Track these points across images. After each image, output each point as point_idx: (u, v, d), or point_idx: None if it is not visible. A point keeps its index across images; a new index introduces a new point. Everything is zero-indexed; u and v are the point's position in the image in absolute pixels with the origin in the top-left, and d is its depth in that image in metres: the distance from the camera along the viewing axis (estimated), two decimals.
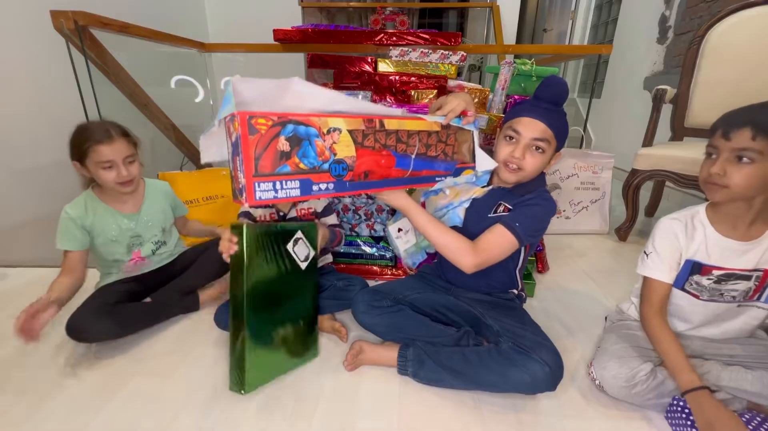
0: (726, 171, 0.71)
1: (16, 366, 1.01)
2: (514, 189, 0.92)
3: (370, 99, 1.43)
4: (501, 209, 0.92)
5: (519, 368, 0.81)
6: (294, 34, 1.69)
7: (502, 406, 0.86)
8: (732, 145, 0.71)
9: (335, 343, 1.07)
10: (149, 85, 2.03)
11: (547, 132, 0.85)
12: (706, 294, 0.82)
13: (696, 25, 2.37)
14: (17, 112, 1.77)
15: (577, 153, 1.85)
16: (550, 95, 0.86)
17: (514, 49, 2.48)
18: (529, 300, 1.29)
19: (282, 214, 1.13)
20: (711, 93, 1.69)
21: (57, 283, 1.02)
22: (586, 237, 1.84)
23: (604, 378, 0.84)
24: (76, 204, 1.07)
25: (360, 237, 1.45)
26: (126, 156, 1.03)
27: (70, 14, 1.41)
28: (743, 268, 0.78)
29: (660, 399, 0.81)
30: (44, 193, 1.80)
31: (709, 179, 0.74)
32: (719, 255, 0.79)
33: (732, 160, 0.71)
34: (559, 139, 0.87)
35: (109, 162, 1.01)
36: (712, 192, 0.75)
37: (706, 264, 0.80)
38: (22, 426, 0.83)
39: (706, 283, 0.81)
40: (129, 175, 1.04)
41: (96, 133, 0.99)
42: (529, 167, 0.87)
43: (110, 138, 1.00)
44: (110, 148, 1.00)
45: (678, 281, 0.84)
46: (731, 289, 0.80)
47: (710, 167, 0.74)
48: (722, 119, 0.74)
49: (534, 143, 0.85)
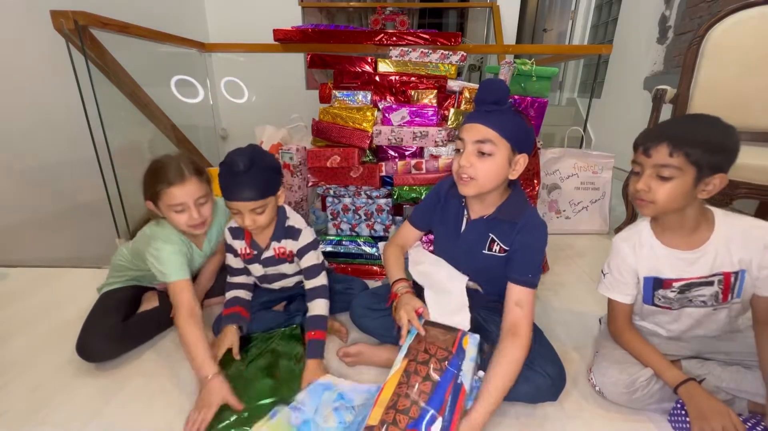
0: (650, 187, 0.74)
1: (16, 366, 1.01)
2: (497, 215, 0.87)
3: (371, 99, 1.43)
4: (495, 248, 0.88)
5: (522, 379, 0.79)
6: (294, 34, 1.69)
7: (504, 409, 0.85)
8: (653, 162, 0.73)
9: (336, 344, 1.07)
10: (149, 85, 2.03)
11: (489, 132, 0.79)
12: (677, 304, 0.83)
13: (696, 25, 2.37)
14: (17, 112, 1.77)
15: (577, 153, 1.85)
16: (485, 96, 0.81)
17: (514, 49, 2.48)
18: None
19: (257, 253, 1.05)
20: (711, 93, 1.69)
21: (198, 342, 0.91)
22: (586, 237, 1.84)
23: (604, 385, 0.84)
24: (167, 233, 1.02)
25: (360, 237, 1.45)
26: (198, 197, 0.98)
27: (70, 14, 1.41)
28: (700, 276, 0.79)
29: (661, 403, 0.81)
30: (44, 193, 1.80)
31: (636, 195, 0.77)
32: (673, 267, 0.81)
33: (654, 176, 0.73)
34: (510, 138, 0.80)
35: (181, 205, 0.96)
36: (640, 207, 0.78)
37: (664, 278, 0.81)
38: (23, 426, 0.83)
39: (672, 295, 0.82)
40: (200, 217, 0.99)
41: (169, 174, 0.94)
42: (481, 174, 0.81)
43: (183, 178, 0.95)
44: (183, 190, 0.95)
45: (646, 298, 0.86)
46: (698, 295, 0.80)
47: (636, 183, 0.76)
48: (642, 136, 0.76)
49: (477, 147, 0.80)
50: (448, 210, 0.96)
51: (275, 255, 1.05)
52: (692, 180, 0.71)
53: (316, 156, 1.36)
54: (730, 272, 0.77)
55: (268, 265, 1.06)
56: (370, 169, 1.37)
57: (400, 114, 1.37)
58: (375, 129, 1.34)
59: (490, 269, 0.90)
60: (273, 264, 1.06)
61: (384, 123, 1.39)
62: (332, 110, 1.39)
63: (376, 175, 1.37)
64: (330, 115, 1.40)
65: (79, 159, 1.75)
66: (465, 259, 0.94)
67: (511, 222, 0.86)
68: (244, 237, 1.05)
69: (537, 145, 1.44)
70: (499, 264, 0.88)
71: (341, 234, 1.47)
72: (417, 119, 1.37)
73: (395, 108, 1.37)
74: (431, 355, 0.79)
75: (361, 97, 1.43)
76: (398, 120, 1.38)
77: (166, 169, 0.95)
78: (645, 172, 0.75)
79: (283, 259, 1.06)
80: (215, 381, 0.85)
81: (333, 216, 1.46)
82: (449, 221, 0.96)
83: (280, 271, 1.09)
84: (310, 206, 1.78)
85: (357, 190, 1.41)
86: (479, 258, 0.90)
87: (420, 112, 1.36)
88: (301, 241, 1.03)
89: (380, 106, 1.40)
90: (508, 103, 0.82)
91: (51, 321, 1.18)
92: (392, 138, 1.35)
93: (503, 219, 0.86)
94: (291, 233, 1.03)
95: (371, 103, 1.43)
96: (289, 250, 1.04)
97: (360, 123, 1.35)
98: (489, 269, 0.90)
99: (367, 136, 1.33)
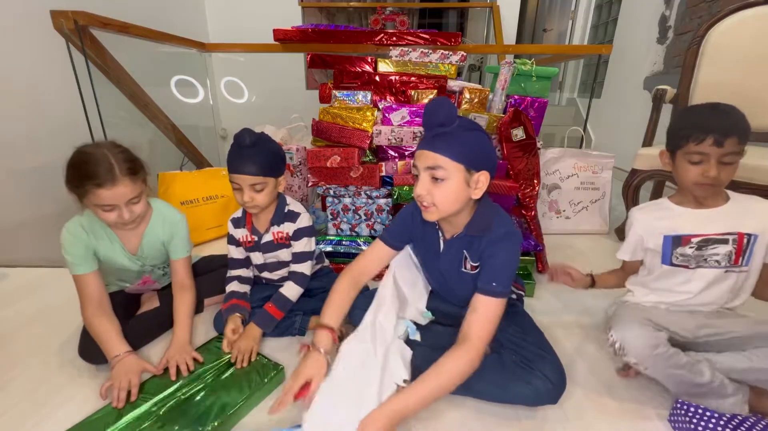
0: (719, 174, 0.82)
1: (16, 366, 1.01)
2: (467, 232, 0.84)
3: (371, 99, 1.43)
4: (468, 266, 0.87)
5: (522, 383, 0.79)
6: (294, 34, 1.70)
7: (504, 411, 0.85)
8: (723, 151, 0.80)
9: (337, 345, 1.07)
10: (149, 85, 2.03)
11: (438, 158, 0.75)
12: (693, 262, 0.88)
13: (696, 25, 2.37)
14: (17, 112, 1.77)
15: (577, 153, 1.85)
16: (430, 119, 0.77)
17: (514, 49, 2.49)
18: (529, 300, 1.29)
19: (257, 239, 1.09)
20: (711, 93, 1.69)
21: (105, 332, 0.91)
22: (586, 237, 1.84)
23: (625, 339, 0.84)
24: (75, 224, 0.97)
25: (360, 237, 1.45)
26: (131, 198, 0.90)
27: (70, 14, 1.41)
28: (716, 232, 0.85)
29: (678, 369, 0.81)
30: (44, 193, 1.80)
31: (705, 181, 0.83)
32: (692, 223, 0.88)
33: (720, 163, 0.81)
34: (462, 160, 0.76)
35: (110, 206, 0.89)
36: (704, 191, 0.85)
37: (683, 234, 0.88)
38: (23, 426, 0.83)
39: (689, 252, 0.87)
40: (131, 216, 0.92)
41: (98, 173, 0.84)
42: (438, 200, 0.78)
43: (113, 180, 0.86)
44: (112, 192, 0.86)
45: (665, 258, 0.91)
46: (713, 254, 0.86)
47: (702, 171, 0.82)
48: (705, 127, 0.81)
49: (429, 173, 0.77)
50: (425, 230, 0.93)
51: (274, 240, 1.08)
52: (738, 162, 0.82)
53: (316, 156, 1.36)
54: (743, 233, 0.83)
55: (268, 251, 1.10)
56: (370, 169, 1.37)
57: (400, 114, 1.37)
58: (375, 129, 1.34)
59: (471, 289, 0.83)
60: (272, 250, 1.09)
61: (384, 123, 1.39)
62: (332, 110, 1.39)
63: (376, 175, 1.37)
64: (330, 115, 1.40)
65: None
66: (448, 279, 0.93)
67: (481, 238, 0.83)
68: (245, 225, 1.09)
69: (537, 145, 1.44)
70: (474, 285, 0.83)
71: (341, 235, 1.47)
72: (417, 119, 1.37)
73: (395, 108, 1.37)
74: None
75: (361, 97, 1.43)
76: (398, 120, 1.38)
77: (95, 166, 0.85)
78: (711, 160, 0.81)
79: (282, 244, 1.09)
80: (128, 356, 0.88)
81: (333, 216, 1.46)
82: (428, 242, 0.93)
83: (279, 258, 1.11)
84: (310, 206, 1.78)
85: (357, 190, 1.41)
86: (459, 277, 0.89)
87: (420, 112, 1.36)
88: (299, 223, 1.07)
89: (380, 106, 1.40)
90: (456, 122, 0.76)
91: (51, 321, 1.18)
92: (392, 138, 1.35)
93: (473, 235, 0.84)
94: (290, 217, 1.08)
95: (371, 103, 1.43)
96: (285, 233, 1.08)
97: (360, 123, 1.35)
98: (470, 289, 0.84)
99: (367, 136, 1.33)
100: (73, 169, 0.86)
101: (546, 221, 1.86)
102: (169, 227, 1.04)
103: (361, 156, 1.39)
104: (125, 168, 0.88)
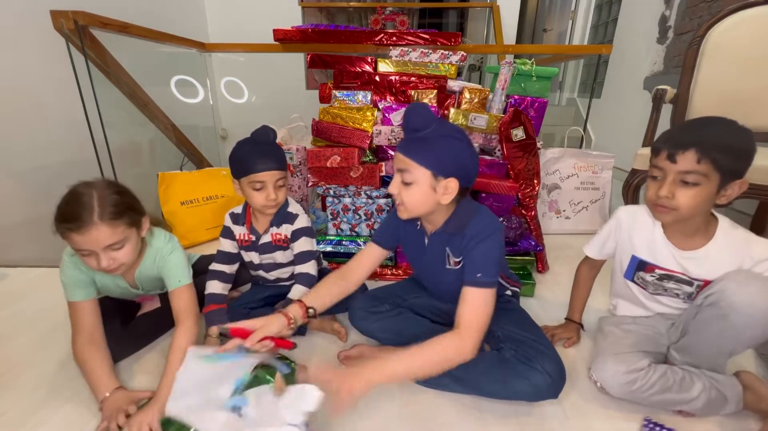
0: (674, 194, 0.73)
1: (16, 366, 1.01)
2: (446, 228, 0.86)
3: (371, 99, 1.43)
4: (451, 262, 0.88)
5: (521, 378, 0.80)
6: (294, 34, 1.70)
7: (503, 409, 0.86)
8: (678, 168, 0.71)
9: (336, 345, 1.07)
10: (149, 85, 2.03)
11: (406, 161, 0.78)
12: (651, 288, 0.87)
13: (696, 25, 2.37)
14: (17, 112, 1.77)
15: (577, 153, 1.85)
16: (407, 123, 0.80)
17: (514, 49, 2.49)
18: (529, 300, 1.29)
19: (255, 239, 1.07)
20: (711, 93, 1.69)
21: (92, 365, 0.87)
22: (586, 237, 1.82)
23: (603, 379, 0.84)
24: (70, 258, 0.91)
25: (360, 237, 1.45)
26: (110, 244, 0.81)
27: (70, 14, 1.41)
28: (683, 273, 0.81)
29: (663, 394, 0.80)
30: (44, 193, 1.80)
31: (657, 201, 0.76)
32: (663, 257, 0.83)
33: (677, 182, 0.72)
34: (430, 165, 0.77)
35: (87, 251, 0.80)
36: (659, 214, 0.78)
37: (649, 263, 0.85)
38: (23, 426, 0.83)
39: (650, 279, 0.86)
40: (112, 264, 0.83)
41: (74, 216, 0.77)
42: (406, 201, 0.81)
43: (88, 224, 0.77)
44: (85, 237, 0.77)
45: (627, 273, 0.91)
46: (674, 288, 0.84)
47: (657, 189, 0.75)
48: (664, 140, 0.75)
49: (400, 175, 0.80)
50: (409, 227, 0.95)
51: (272, 242, 1.07)
52: (716, 186, 0.71)
53: (316, 156, 1.36)
54: (710, 280, 0.78)
55: (265, 252, 1.09)
56: (370, 169, 1.37)
57: (400, 114, 1.37)
58: (375, 129, 1.34)
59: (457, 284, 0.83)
60: (269, 251, 1.09)
61: (384, 123, 1.39)
62: (332, 110, 1.39)
63: (376, 175, 1.37)
64: (330, 115, 1.40)
65: (79, 159, 1.75)
66: (435, 274, 0.93)
67: (458, 235, 0.84)
68: (245, 223, 1.08)
69: (537, 145, 1.44)
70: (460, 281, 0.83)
71: (341, 235, 1.47)
72: None
73: (395, 108, 1.37)
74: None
75: (361, 97, 1.43)
76: (398, 120, 1.38)
77: (74, 208, 0.78)
78: (668, 178, 0.73)
79: (279, 246, 1.08)
80: (115, 394, 0.82)
81: (333, 216, 1.46)
82: (413, 239, 0.95)
83: (275, 260, 1.11)
84: (310, 206, 1.78)
85: (357, 190, 1.41)
86: (444, 273, 0.90)
87: None
88: (296, 225, 1.06)
89: (380, 106, 1.40)
90: (431, 127, 0.77)
91: (51, 321, 1.18)
92: (392, 138, 1.35)
93: (451, 232, 0.85)
94: (288, 218, 1.07)
95: (371, 103, 1.43)
96: (284, 235, 1.07)
97: (360, 123, 1.35)
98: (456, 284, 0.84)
99: (367, 136, 1.33)
100: (58, 209, 0.80)
101: (546, 221, 1.86)
102: (160, 262, 0.97)
103: (361, 156, 1.39)
104: (107, 212, 0.79)
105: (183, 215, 1.72)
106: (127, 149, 2.11)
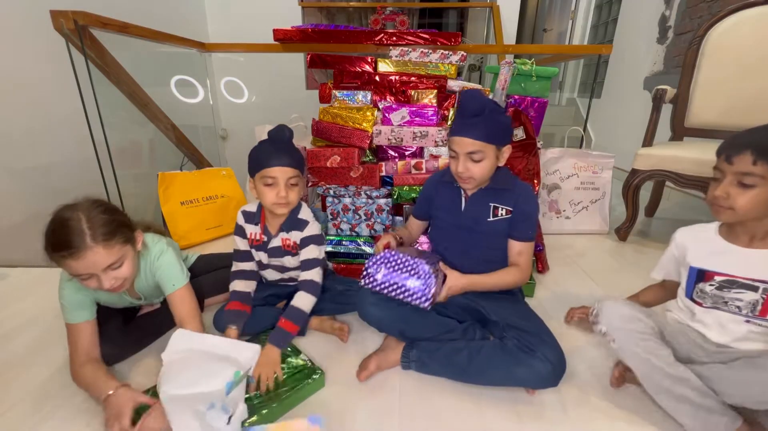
0: (729, 194, 0.74)
1: (16, 366, 1.01)
2: (492, 187, 1.01)
3: (371, 99, 1.43)
4: (501, 212, 1.00)
5: (524, 366, 0.83)
6: (294, 34, 1.70)
7: (500, 398, 0.88)
8: (734, 169, 0.74)
9: (343, 353, 1.07)
10: (149, 85, 2.03)
11: (475, 144, 0.91)
12: (709, 301, 0.81)
13: (696, 25, 2.37)
14: (17, 112, 1.77)
15: (577, 153, 1.85)
16: (465, 111, 0.93)
17: (514, 49, 2.48)
18: (529, 300, 1.29)
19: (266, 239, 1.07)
20: (711, 93, 1.69)
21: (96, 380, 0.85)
22: (586, 237, 1.84)
23: (603, 307, 0.86)
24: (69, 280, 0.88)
25: (360, 237, 1.45)
26: (110, 264, 0.79)
27: (70, 14, 1.41)
28: (747, 276, 0.77)
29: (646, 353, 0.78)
30: (45, 193, 1.80)
31: (714, 201, 0.78)
32: (723, 260, 0.80)
33: (735, 183, 0.74)
34: (494, 140, 0.93)
35: (87, 275, 0.79)
36: (716, 213, 0.79)
37: (708, 270, 0.81)
38: (23, 425, 0.83)
39: (709, 290, 0.81)
40: (115, 282, 0.82)
41: (67, 243, 0.75)
42: (477, 175, 0.95)
43: (84, 248, 0.75)
44: (83, 262, 0.76)
45: (688, 290, 0.86)
46: (735, 298, 0.78)
47: (715, 189, 0.77)
48: (726, 142, 0.77)
49: (469, 156, 0.93)
50: (444, 195, 1.07)
51: (282, 246, 1.07)
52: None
53: (316, 156, 1.36)
54: None
55: (274, 256, 1.08)
56: (370, 169, 1.37)
57: (400, 114, 1.37)
58: (375, 129, 1.34)
59: (493, 236, 1.01)
60: (278, 256, 1.08)
61: (384, 123, 1.39)
62: (332, 110, 1.39)
63: (376, 175, 1.37)
64: (330, 115, 1.40)
65: (79, 159, 1.75)
66: (469, 232, 1.03)
67: (506, 190, 1.00)
68: (258, 222, 1.07)
69: (537, 145, 1.44)
70: (503, 229, 1.00)
71: (341, 235, 1.47)
72: (417, 119, 1.37)
73: (395, 108, 1.37)
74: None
75: (361, 97, 1.43)
76: (398, 120, 1.38)
77: (65, 235, 0.75)
78: (725, 178, 0.75)
79: (288, 251, 1.07)
80: (117, 392, 0.80)
81: (333, 216, 1.46)
82: (447, 203, 1.06)
83: (282, 264, 1.10)
84: (310, 206, 1.78)
85: (357, 190, 1.41)
86: (484, 226, 1.01)
87: (420, 112, 1.36)
88: (306, 232, 1.05)
89: (380, 106, 1.40)
90: (487, 109, 0.91)
91: (51, 321, 1.18)
92: (392, 138, 1.35)
93: (498, 188, 1.00)
94: (299, 225, 1.06)
95: (371, 103, 1.43)
96: (293, 241, 1.06)
97: (360, 123, 1.35)
98: (492, 235, 1.01)
99: (367, 136, 1.33)
100: (45, 238, 0.77)
101: (546, 221, 1.86)
102: (152, 268, 0.96)
103: (361, 156, 1.39)
104: (100, 233, 0.77)
105: (183, 215, 1.72)
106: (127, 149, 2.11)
